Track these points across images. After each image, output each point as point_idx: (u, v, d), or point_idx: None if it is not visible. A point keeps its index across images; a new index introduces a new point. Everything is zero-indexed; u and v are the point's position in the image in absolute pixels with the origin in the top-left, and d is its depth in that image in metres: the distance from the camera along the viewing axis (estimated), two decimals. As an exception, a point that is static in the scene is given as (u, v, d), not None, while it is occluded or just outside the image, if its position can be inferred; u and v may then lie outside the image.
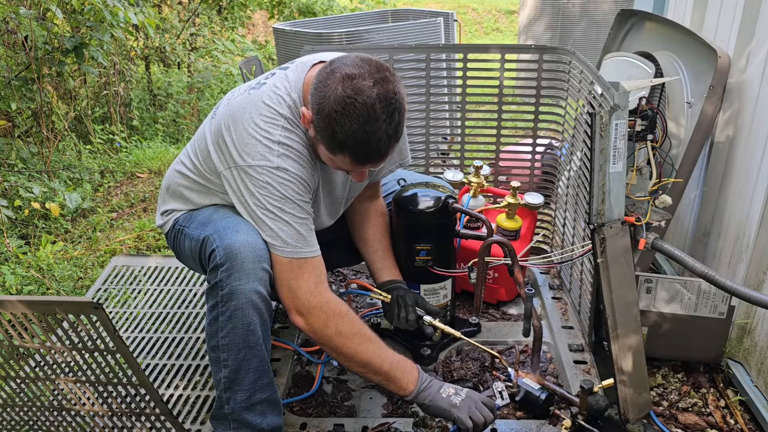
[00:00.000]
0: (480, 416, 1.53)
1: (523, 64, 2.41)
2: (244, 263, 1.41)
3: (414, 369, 1.59)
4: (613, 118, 1.40)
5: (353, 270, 2.56)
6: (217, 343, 1.47)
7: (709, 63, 1.94)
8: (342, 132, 1.34)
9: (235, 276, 1.40)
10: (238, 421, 1.53)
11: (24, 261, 2.71)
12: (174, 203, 1.73)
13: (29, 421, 1.55)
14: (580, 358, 1.96)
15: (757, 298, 1.48)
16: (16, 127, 3.86)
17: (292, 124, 1.47)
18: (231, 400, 1.51)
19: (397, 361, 1.57)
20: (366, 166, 1.45)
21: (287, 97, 1.48)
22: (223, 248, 1.42)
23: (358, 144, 1.36)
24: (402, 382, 1.56)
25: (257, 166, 1.42)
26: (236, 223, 1.48)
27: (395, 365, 1.56)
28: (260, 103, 1.47)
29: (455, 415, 1.53)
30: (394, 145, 1.40)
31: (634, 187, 1.85)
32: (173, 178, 1.73)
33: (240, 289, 1.41)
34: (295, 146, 1.47)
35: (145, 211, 3.35)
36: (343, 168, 1.49)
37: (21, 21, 3.49)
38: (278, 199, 1.43)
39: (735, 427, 1.75)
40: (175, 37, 5.33)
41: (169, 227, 1.73)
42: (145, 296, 2.43)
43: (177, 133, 4.68)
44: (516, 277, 1.77)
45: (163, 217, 1.76)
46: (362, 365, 1.54)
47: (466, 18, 9.87)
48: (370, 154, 1.39)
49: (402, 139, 1.83)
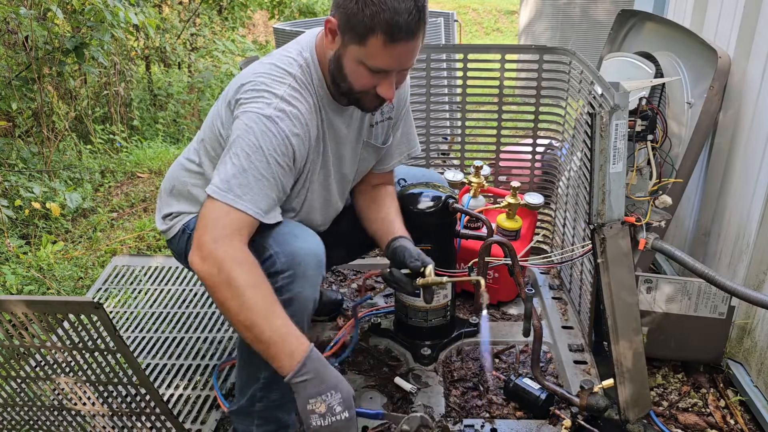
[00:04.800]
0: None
1: (524, 65, 2.41)
2: (307, 270, 1.40)
3: (299, 348, 1.28)
4: (613, 119, 1.40)
5: (353, 270, 2.56)
6: None
7: (709, 63, 1.94)
8: (371, 7, 1.32)
9: (298, 283, 1.39)
10: (265, 419, 1.53)
11: (24, 261, 2.71)
12: (180, 205, 1.68)
13: (29, 421, 1.55)
14: (580, 358, 1.97)
15: (757, 298, 1.48)
16: (17, 127, 3.87)
17: (301, 84, 1.46)
18: (265, 398, 1.51)
19: (284, 333, 1.28)
20: (398, 44, 1.37)
21: (299, 57, 1.48)
22: (284, 254, 1.40)
23: (389, 15, 1.33)
24: (279, 360, 1.28)
25: (250, 111, 1.40)
26: (292, 227, 1.46)
27: (278, 336, 1.28)
28: (269, 65, 1.47)
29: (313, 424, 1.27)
30: (422, 26, 1.38)
31: (634, 187, 1.85)
32: (180, 178, 1.68)
33: (301, 296, 1.40)
34: (298, 106, 1.44)
35: (145, 211, 3.35)
36: (374, 65, 1.41)
37: (21, 21, 3.49)
38: (250, 146, 1.37)
39: (735, 427, 1.75)
40: (175, 37, 5.33)
41: (177, 232, 1.67)
42: (145, 296, 2.43)
43: (177, 133, 4.68)
44: (516, 277, 1.77)
45: (166, 221, 1.70)
46: (247, 327, 1.28)
47: (466, 18, 9.87)
48: (401, 26, 1.34)
49: (408, 123, 1.84)
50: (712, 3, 2.15)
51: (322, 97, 1.52)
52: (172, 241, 1.71)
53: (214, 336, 2.17)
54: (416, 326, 2.01)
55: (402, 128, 1.81)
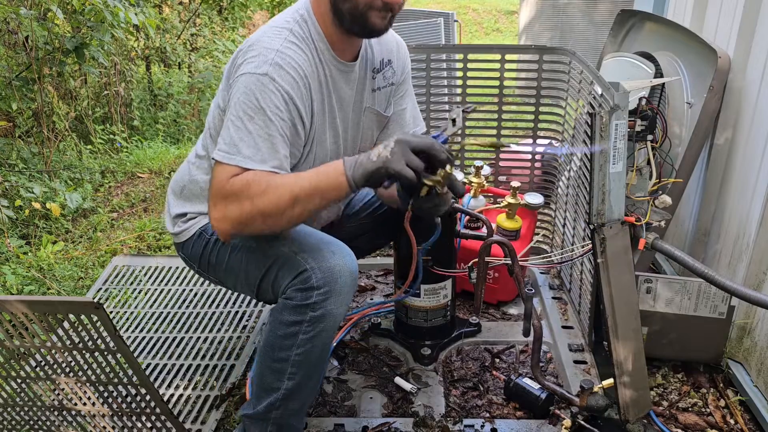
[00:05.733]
0: (418, 163, 1.27)
1: (524, 65, 2.41)
2: (343, 288, 1.39)
3: (337, 162, 1.32)
4: (613, 119, 1.40)
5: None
6: (287, 356, 1.43)
7: (709, 63, 1.94)
8: None
9: (332, 300, 1.38)
10: (279, 426, 1.53)
11: (24, 261, 2.71)
12: (194, 206, 1.63)
13: (30, 421, 1.55)
14: (580, 358, 1.97)
15: (757, 298, 1.48)
16: (17, 127, 3.87)
17: (298, 38, 1.44)
18: (283, 407, 1.50)
19: (316, 171, 1.33)
20: None
21: (295, 14, 1.47)
22: (321, 270, 1.37)
23: None
24: (333, 181, 1.30)
25: (246, 73, 1.37)
26: (327, 242, 1.43)
27: (316, 175, 1.32)
28: (265, 28, 1.46)
29: (392, 170, 1.25)
30: None
31: (634, 187, 1.85)
32: (190, 177, 1.63)
33: (334, 314, 1.39)
34: (294, 57, 1.41)
35: (145, 211, 3.36)
36: None
37: (22, 21, 3.49)
38: (252, 108, 1.34)
39: (735, 427, 1.75)
40: (175, 38, 5.33)
41: (192, 235, 1.61)
42: (145, 296, 2.43)
43: (178, 133, 4.68)
44: (516, 277, 1.77)
45: (178, 223, 1.64)
46: (291, 205, 1.30)
47: (466, 18, 9.86)
48: None
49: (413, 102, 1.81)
50: (712, 3, 2.15)
51: (323, 51, 1.49)
52: (185, 245, 1.64)
53: (214, 336, 2.17)
54: (416, 326, 2.01)
55: (409, 106, 1.79)
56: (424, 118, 2.39)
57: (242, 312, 2.30)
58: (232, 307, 2.34)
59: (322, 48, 1.48)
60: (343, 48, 1.51)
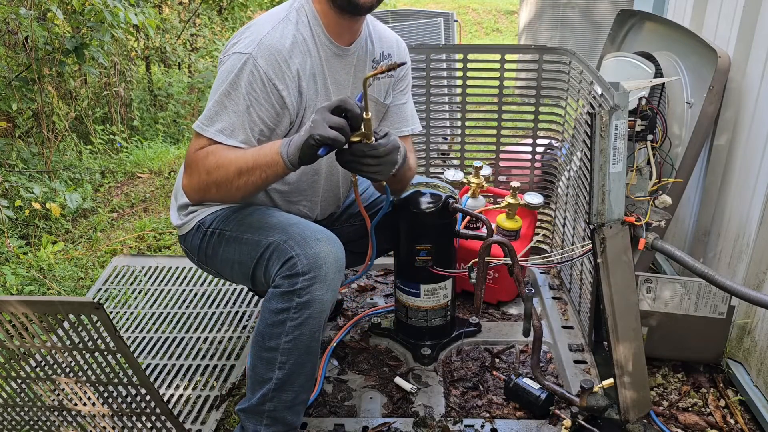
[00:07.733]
0: (339, 120, 1.31)
1: (523, 65, 2.41)
2: (328, 274, 1.41)
3: (277, 141, 1.42)
4: (613, 118, 1.40)
5: (353, 270, 2.56)
6: (276, 345, 1.45)
7: (709, 63, 1.94)
8: None
9: (317, 286, 1.41)
10: (274, 419, 1.53)
11: (24, 261, 2.71)
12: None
13: (30, 421, 1.56)
14: (580, 358, 1.97)
15: (757, 298, 1.48)
16: (17, 128, 3.86)
17: (293, 20, 1.51)
18: (276, 399, 1.51)
19: (259, 148, 1.44)
20: None
21: (288, 5, 1.54)
22: (306, 257, 1.41)
23: None
24: (270, 159, 1.39)
25: (233, 53, 1.47)
26: (313, 230, 1.47)
27: (258, 151, 1.42)
28: (260, 19, 1.53)
29: (317, 135, 1.30)
30: None
31: (634, 187, 1.85)
32: None
33: (320, 299, 1.41)
34: (283, 39, 1.47)
35: (145, 211, 3.35)
36: None
37: (21, 21, 3.49)
38: (230, 85, 1.44)
39: (735, 427, 1.75)
40: (175, 38, 5.33)
41: (191, 228, 1.66)
42: (145, 296, 2.43)
43: (178, 133, 4.68)
44: (516, 277, 1.77)
45: (181, 215, 1.69)
46: (237, 176, 1.42)
47: (466, 18, 9.86)
48: None
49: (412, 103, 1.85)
50: (711, 3, 2.15)
51: (318, 34, 1.54)
52: (185, 238, 1.69)
53: (214, 336, 2.17)
54: (416, 326, 2.01)
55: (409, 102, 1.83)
56: (424, 118, 2.41)
57: (242, 312, 2.30)
58: (232, 307, 2.34)
59: (318, 31, 1.53)
60: (338, 31, 1.55)
